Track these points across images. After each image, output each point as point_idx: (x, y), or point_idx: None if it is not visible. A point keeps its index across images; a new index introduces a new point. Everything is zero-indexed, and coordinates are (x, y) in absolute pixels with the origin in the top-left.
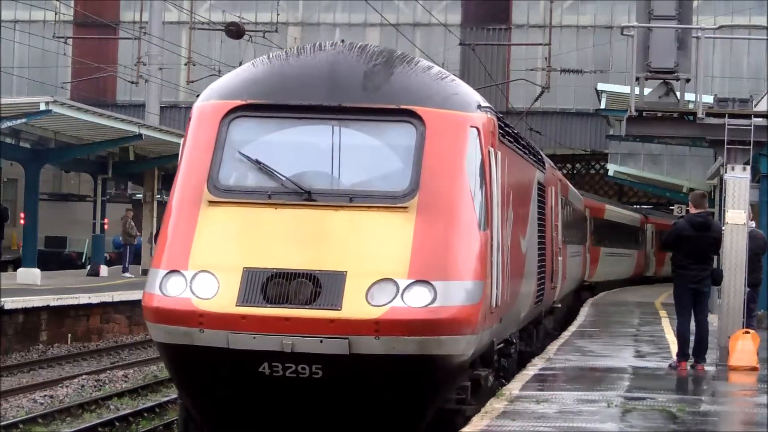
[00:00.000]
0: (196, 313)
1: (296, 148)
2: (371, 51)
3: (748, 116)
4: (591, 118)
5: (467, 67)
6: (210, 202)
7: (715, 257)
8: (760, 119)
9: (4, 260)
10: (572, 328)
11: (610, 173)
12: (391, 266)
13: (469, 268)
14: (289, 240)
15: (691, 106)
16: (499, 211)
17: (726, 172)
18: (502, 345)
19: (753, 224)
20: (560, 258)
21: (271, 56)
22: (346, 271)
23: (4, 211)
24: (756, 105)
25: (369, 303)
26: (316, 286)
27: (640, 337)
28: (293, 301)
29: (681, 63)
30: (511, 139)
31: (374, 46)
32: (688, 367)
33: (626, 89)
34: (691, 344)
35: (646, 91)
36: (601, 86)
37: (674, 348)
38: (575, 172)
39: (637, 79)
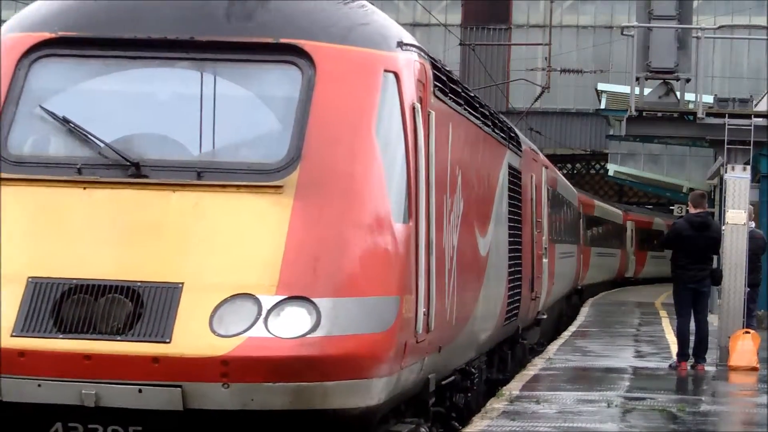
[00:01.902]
0: None
1: (125, 101)
2: None
3: (748, 116)
4: (591, 118)
5: (467, 67)
6: None
7: (715, 257)
8: (760, 119)
9: None
10: (572, 328)
11: (610, 173)
12: (252, 276)
13: (375, 279)
14: (100, 236)
15: (691, 106)
16: (434, 196)
17: (726, 172)
18: (452, 378)
19: (753, 224)
20: (545, 260)
21: None
22: (182, 284)
23: None
24: (756, 105)
25: (214, 332)
26: (136, 305)
27: (640, 337)
28: (101, 329)
29: (681, 63)
30: (461, 100)
31: None
32: (688, 367)
33: (626, 89)
34: (691, 344)
35: (646, 91)
36: (601, 86)
37: (674, 348)
38: (575, 172)
39: (637, 79)
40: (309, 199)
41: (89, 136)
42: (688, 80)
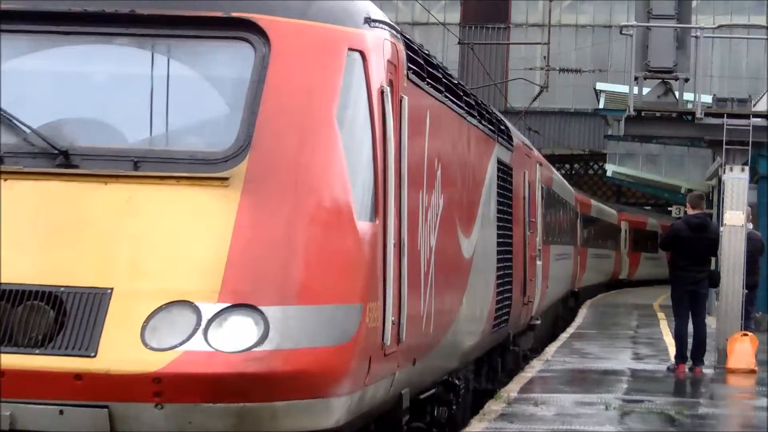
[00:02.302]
0: None
1: (56, 82)
2: None
3: (746, 116)
4: (589, 118)
5: (466, 66)
6: None
7: (713, 259)
8: (759, 119)
9: None
10: (570, 330)
11: (609, 174)
12: (191, 281)
13: (333, 285)
14: (21, 235)
15: (689, 106)
16: (406, 192)
17: (724, 173)
18: (433, 391)
19: (751, 226)
20: (539, 263)
21: None
22: (111, 289)
23: None
24: (755, 105)
25: (146, 345)
26: (58, 314)
27: (638, 340)
28: (18, 341)
29: (680, 62)
30: (442, 87)
31: None
32: (686, 370)
33: (625, 89)
34: (689, 346)
35: (645, 90)
36: (599, 86)
37: (672, 350)
38: (573, 172)
39: (636, 78)
40: (259, 193)
41: (13, 120)
42: (686, 80)
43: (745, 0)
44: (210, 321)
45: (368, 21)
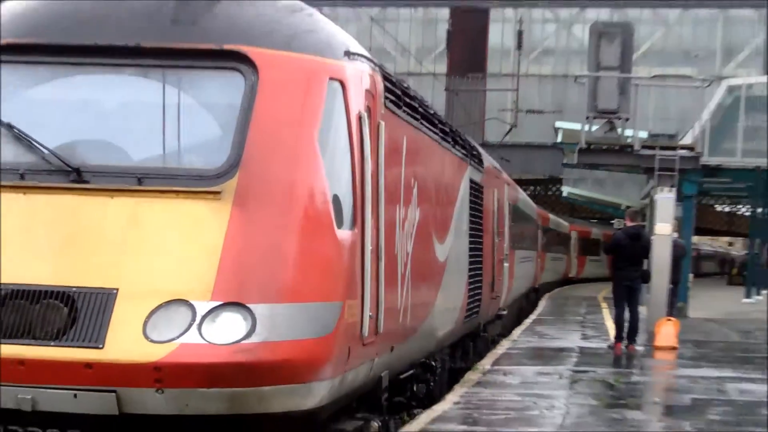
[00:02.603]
0: None
1: (70, 107)
2: None
3: (674, 149)
4: (550, 150)
5: (451, 108)
6: None
7: (645, 261)
8: (684, 151)
9: None
10: (532, 317)
11: (564, 194)
12: (187, 282)
13: (315, 285)
14: (38, 242)
15: (629, 140)
16: (383, 204)
17: (656, 194)
18: (412, 372)
19: (676, 235)
20: (506, 265)
21: None
22: (116, 289)
23: None
24: (681, 140)
25: (147, 338)
26: (71, 310)
27: (585, 324)
28: (37, 334)
29: (622, 105)
30: (418, 115)
31: None
32: (623, 347)
33: (578, 126)
34: (626, 329)
35: (594, 127)
36: (558, 124)
37: (612, 332)
38: (537, 193)
39: (587, 118)
40: (248, 205)
41: (33, 141)
42: (627, 119)
43: (675, 54)
44: (204, 317)
45: (348, 54)
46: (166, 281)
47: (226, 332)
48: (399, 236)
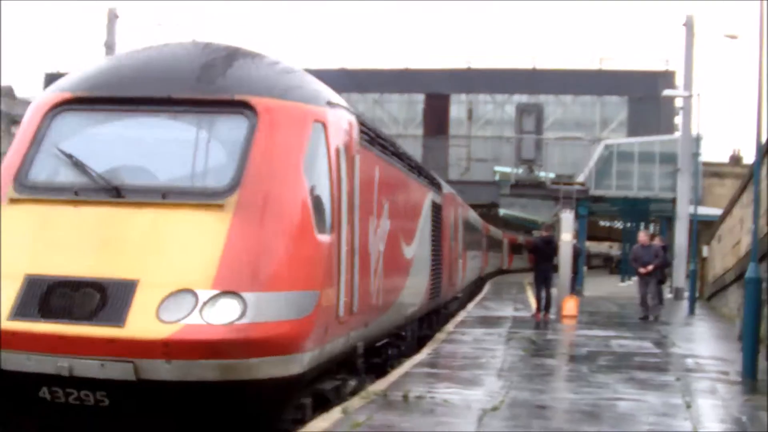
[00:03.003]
0: None
1: (117, 142)
2: (215, 46)
3: (572, 185)
4: (491, 185)
5: (426, 160)
6: (11, 200)
7: (555, 258)
8: (578, 186)
9: None
10: (480, 296)
11: (501, 214)
12: (193, 274)
13: (296, 276)
14: (83, 242)
15: (543, 179)
16: (357, 216)
17: (561, 213)
18: (386, 341)
19: (575, 241)
20: (460, 261)
21: (121, 52)
22: (137, 280)
23: None
24: (576, 179)
25: (159, 319)
26: (102, 297)
27: (516, 300)
28: (76, 315)
29: (537, 156)
30: (389, 152)
31: (221, 43)
32: (541, 317)
33: (509, 170)
34: (543, 304)
35: (520, 170)
36: (496, 168)
37: (534, 306)
38: (483, 213)
39: (515, 164)
40: (245, 215)
41: (85, 166)
42: (540, 165)
43: (576, 123)
44: (205, 303)
45: (329, 103)
46: (176, 274)
47: (222, 315)
48: (372, 239)
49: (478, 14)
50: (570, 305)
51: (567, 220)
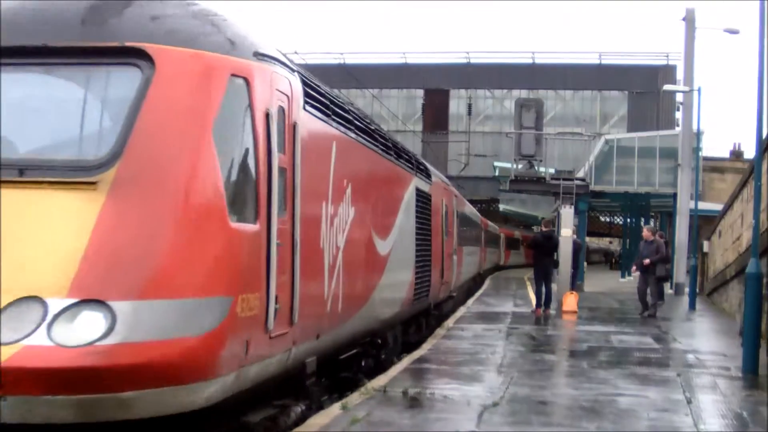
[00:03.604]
0: None
1: None
2: None
3: (572, 180)
4: (491, 181)
5: (425, 155)
6: None
7: (555, 253)
8: (578, 181)
9: None
10: (479, 292)
11: (501, 210)
12: (44, 277)
13: (196, 278)
14: None
15: (543, 174)
16: (298, 200)
17: (561, 209)
18: (354, 351)
19: (575, 236)
20: (454, 258)
21: None
22: None
23: None
24: (576, 174)
25: None
26: None
27: (516, 296)
28: None
29: (537, 152)
30: (352, 127)
31: None
32: (541, 312)
33: (509, 165)
34: (543, 299)
35: (520, 166)
36: (496, 163)
37: (534, 301)
38: (482, 207)
39: (515, 159)
40: (124, 195)
41: None
42: (540, 161)
43: (573, 119)
44: (56, 316)
45: (257, 54)
46: (21, 276)
47: (80, 332)
48: (326, 231)
49: (478, 9)
50: (570, 301)
51: (567, 215)
